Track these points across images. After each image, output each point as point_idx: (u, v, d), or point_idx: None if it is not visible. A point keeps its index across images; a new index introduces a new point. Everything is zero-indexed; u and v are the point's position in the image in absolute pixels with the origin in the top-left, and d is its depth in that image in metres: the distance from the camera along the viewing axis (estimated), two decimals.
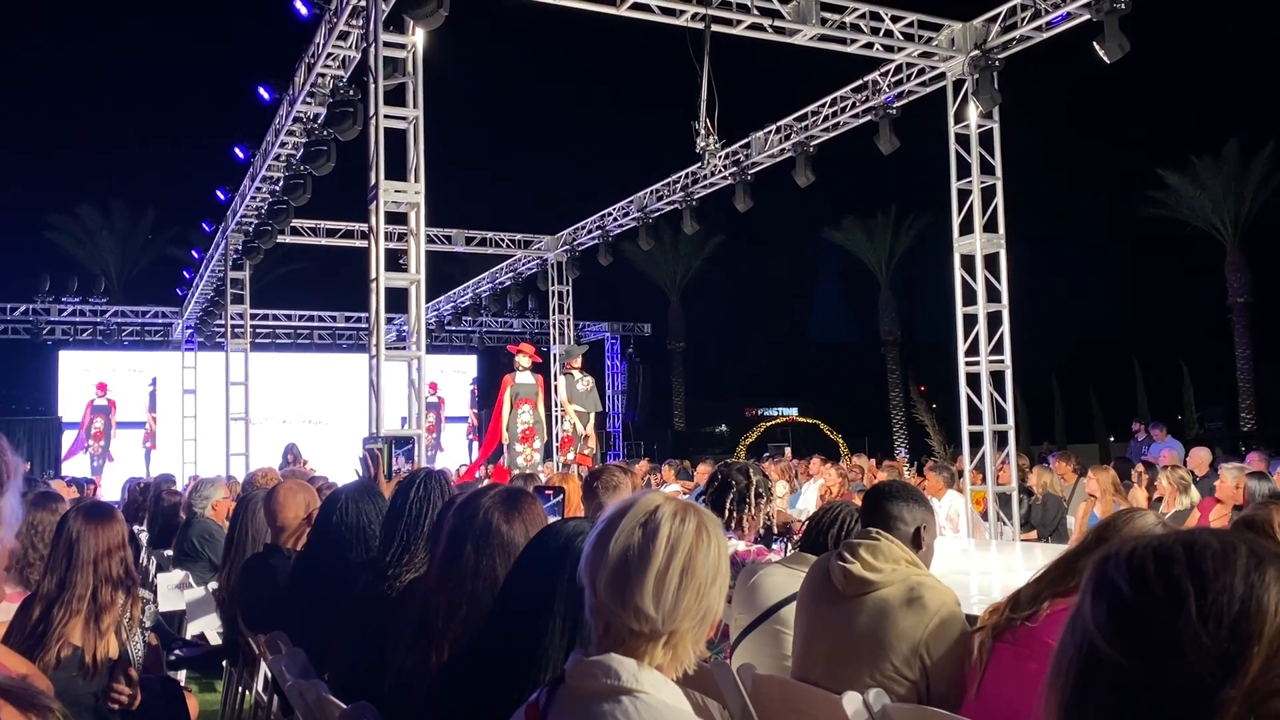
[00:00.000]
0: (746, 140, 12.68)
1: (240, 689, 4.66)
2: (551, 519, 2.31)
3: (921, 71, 10.24)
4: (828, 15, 9.23)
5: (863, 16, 9.40)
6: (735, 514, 3.78)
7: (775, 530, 4.18)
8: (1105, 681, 0.86)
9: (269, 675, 3.75)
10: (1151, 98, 31.60)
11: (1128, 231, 32.09)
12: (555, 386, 13.82)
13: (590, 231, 16.98)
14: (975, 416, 9.69)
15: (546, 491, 3.54)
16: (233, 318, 15.95)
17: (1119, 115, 32.33)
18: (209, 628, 5.91)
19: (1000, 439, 9.63)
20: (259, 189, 13.16)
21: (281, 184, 12.24)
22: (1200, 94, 33.84)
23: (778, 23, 9.08)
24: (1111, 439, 28.17)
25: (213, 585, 5.82)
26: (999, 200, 9.70)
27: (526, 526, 2.29)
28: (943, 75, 10.00)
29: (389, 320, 8.84)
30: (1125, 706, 0.85)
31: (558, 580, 1.85)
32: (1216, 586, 0.86)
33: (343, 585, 3.01)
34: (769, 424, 27.65)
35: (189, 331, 20.27)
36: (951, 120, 9.89)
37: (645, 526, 1.52)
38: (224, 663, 4.97)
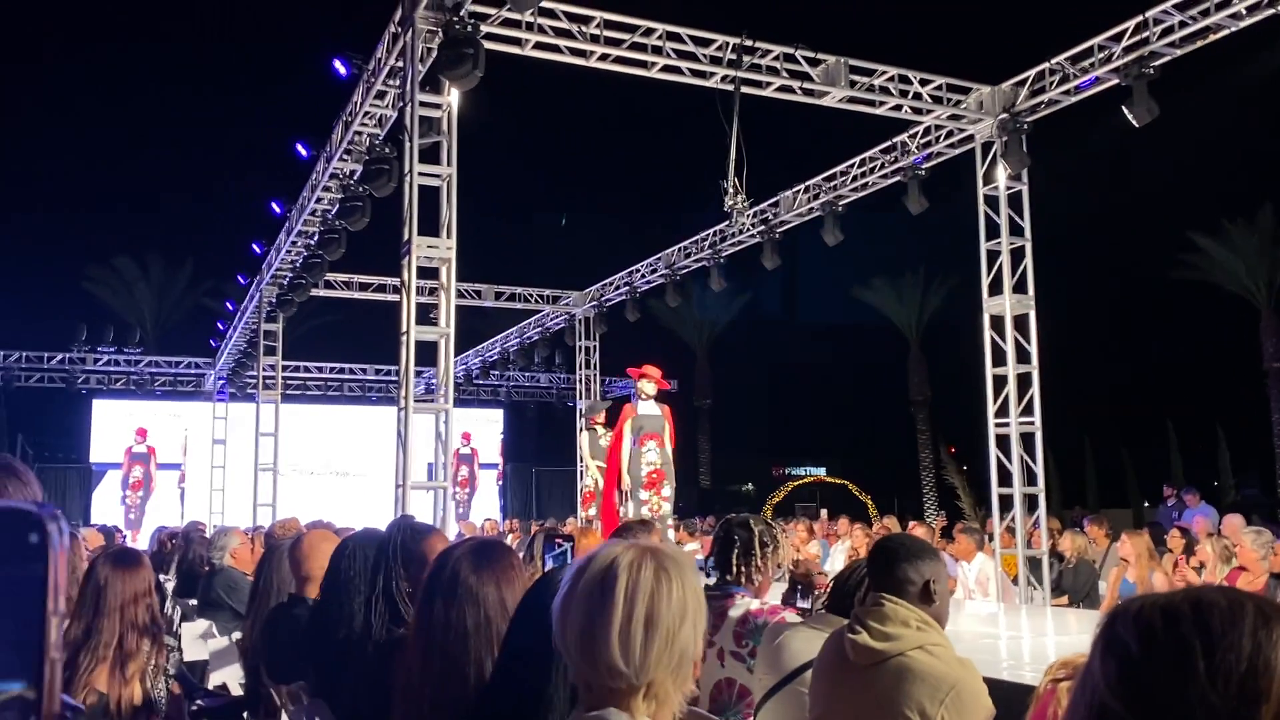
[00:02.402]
0: (775, 199, 12.78)
1: None
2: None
3: (950, 134, 10.31)
4: (856, 78, 9.34)
5: (891, 79, 9.51)
6: (744, 569, 3.69)
7: (801, 583, 4.09)
8: None
9: None
10: (1181, 160, 31.56)
11: (1159, 294, 31.85)
12: (579, 442, 13.82)
13: (618, 288, 17.10)
14: (1005, 479, 9.58)
15: (556, 540, 3.50)
16: (265, 369, 16.12)
17: (1149, 177, 32.29)
18: (231, 678, 5.90)
19: (1031, 502, 9.51)
20: (294, 243, 13.39)
21: (316, 238, 12.45)
22: (1231, 158, 33.76)
23: (807, 85, 9.21)
24: (1145, 504, 27.71)
25: (236, 635, 5.83)
26: (1028, 261, 9.70)
27: (498, 578, 2.25)
28: (971, 137, 10.06)
29: (418, 373, 8.91)
30: None
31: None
32: (1224, 645, 0.85)
33: (352, 634, 3.03)
34: (796, 483, 27.45)
35: (221, 382, 20.50)
36: (980, 182, 9.93)
37: (603, 582, 1.50)
38: (245, 714, 4.95)
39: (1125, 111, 8.37)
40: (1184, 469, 28.23)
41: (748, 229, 13.15)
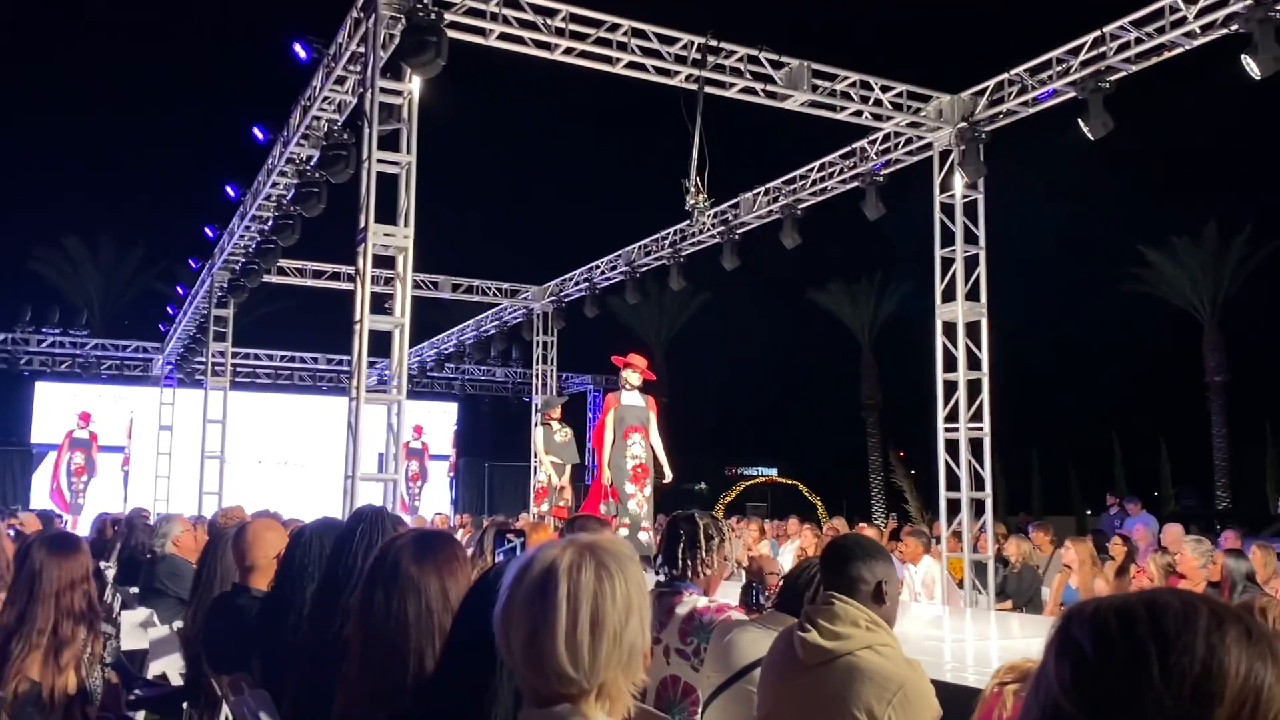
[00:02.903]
0: (735, 200, 12.82)
1: None
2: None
3: (909, 141, 10.41)
4: (819, 82, 9.40)
5: (853, 85, 9.57)
6: (689, 562, 3.68)
7: (755, 582, 4.10)
8: None
9: (230, 718, 3.67)
10: (1135, 175, 32.19)
11: (1109, 306, 32.47)
12: (534, 438, 13.77)
13: (577, 284, 17.06)
14: (953, 483, 9.70)
15: (507, 535, 3.48)
16: (214, 355, 15.88)
17: (1103, 191, 32.90)
18: (171, 668, 5.79)
19: (978, 507, 9.63)
20: (248, 228, 13.19)
21: (271, 224, 12.27)
22: (1181, 174, 34.51)
23: (770, 87, 9.25)
24: (1088, 512, 28.22)
25: (178, 624, 5.72)
26: (982, 269, 9.82)
27: (440, 569, 2.23)
28: (930, 145, 10.17)
29: (371, 364, 8.82)
30: None
31: None
32: (1179, 646, 0.86)
33: (305, 625, 2.98)
34: (748, 483, 27.58)
35: (169, 367, 20.15)
36: (937, 189, 10.03)
37: (544, 588, 1.46)
38: (184, 704, 4.86)
39: (1081, 125, 8.51)
40: (1126, 478, 28.81)
41: (708, 229, 13.19)
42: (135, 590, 7.02)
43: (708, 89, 9.00)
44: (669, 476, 9.57)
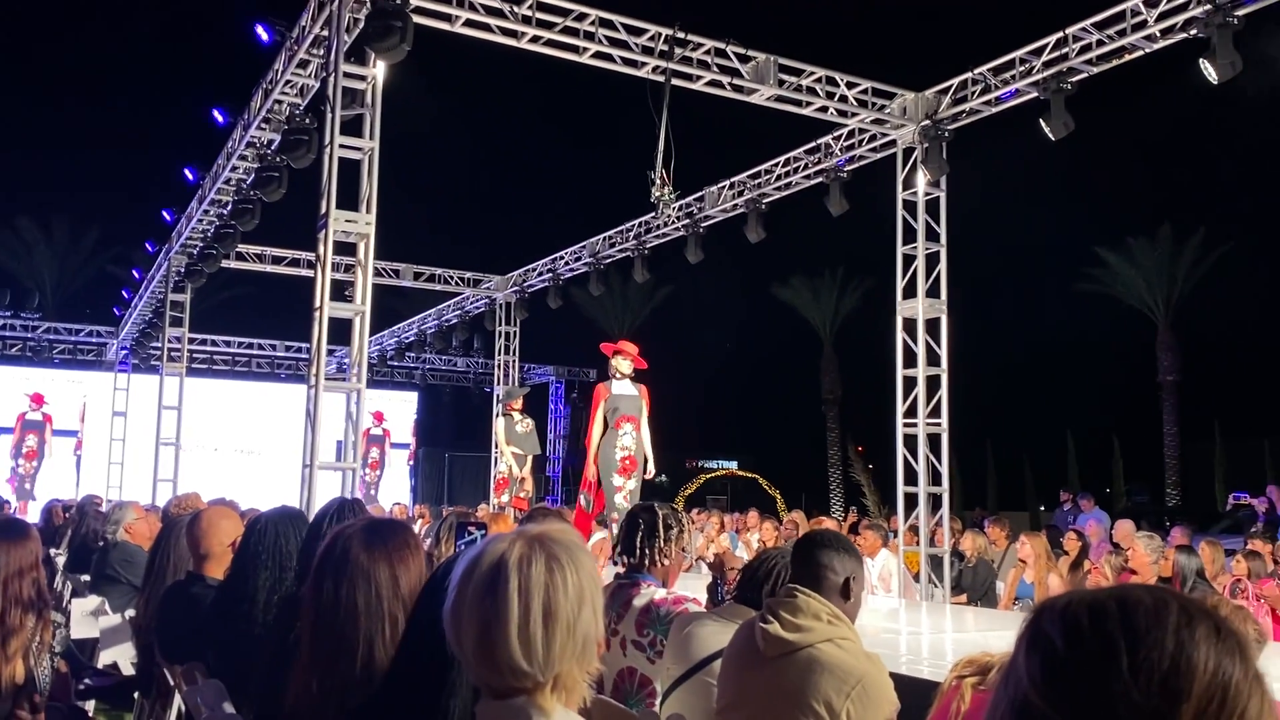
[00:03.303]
0: (700, 193, 12.83)
1: None
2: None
3: (873, 137, 10.47)
4: (785, 77, 9.42)
5: (819, 80, 9.61)
6: (648, 551, 3.69)
7: (717, 575, 4.11)
8: None
9: (183, 708, 3.62)
10: (1094, 177, 32.64)
11: (1066, 305, 32.93)
12: (495, 428, 13.71)
13: (540, 274, 17.00)
14: (911, 478, 9.80)
15: (469, 528, 3.46)
16: (170, 341, 15.65)
17: (1062, 192, 33.34)
18: (122, 657, 5.70)
19: (934, 501, 9.74)
20: (206, 212, 13.01)
21: (230, 208, 12.10)
22: (1139, 177, 35.02)
23: (737, 81, 9.25)
24: (1042, 508, 28.65)
25: (130, 613, 5.63)
26: (943, 267, 9.91)
27: (391, 557, 2.19)
28: (894, 142, 10.24)
29: (330, 352, 8.73)
30: None
31: None
32: (1148, 642, 0.86)
33: (262, 615, 2.94)
34: (708, 476, 27.67)
35: (124, 352, 19.82)
36: (900, 186, 10.11)
37: (494, 583, 1.45)
38: (135, 694, 4.79)
39: (1043, 125, 8.60)
40: (1080, 475, 29.29)
41: (673, 221, 13.19)
42: (86, 578, 6.90)
43: (674, 81, 8.99)
44: (652, 471, 9.36)
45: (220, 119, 11.13)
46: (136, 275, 17.59)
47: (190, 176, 12.86)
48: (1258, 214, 30.58)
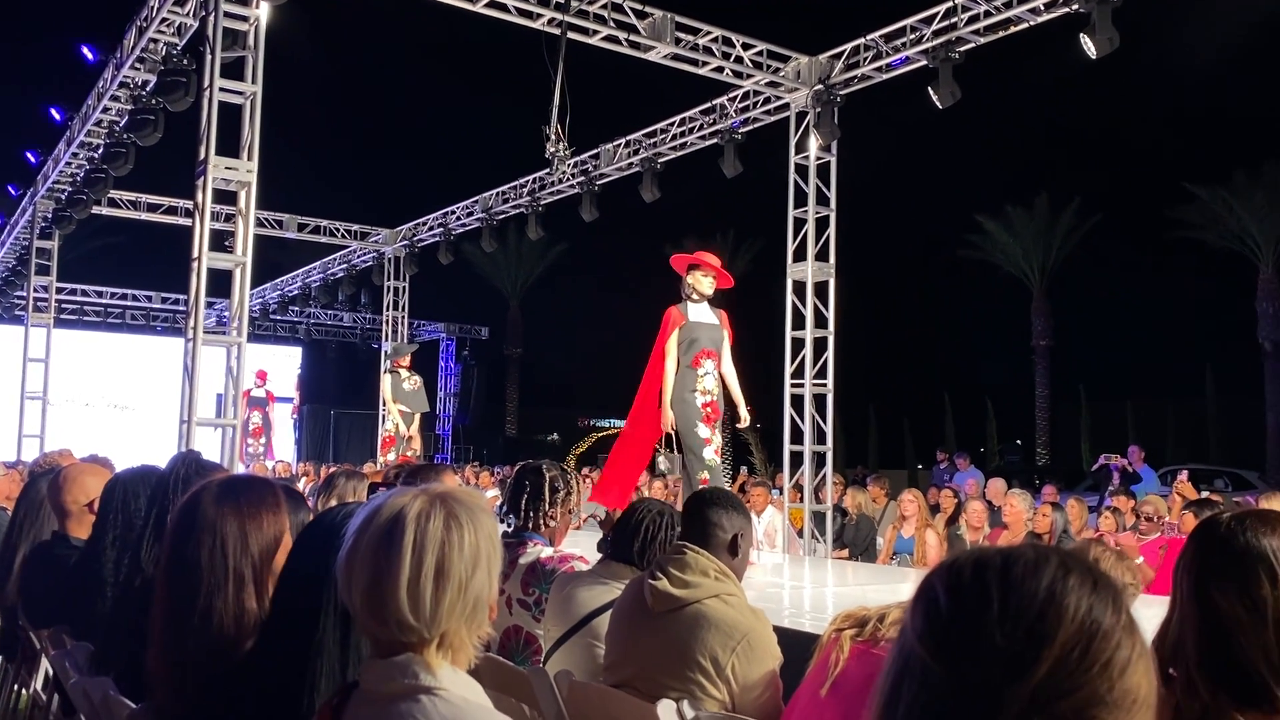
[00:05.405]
0: (596, 151, 12.74)
1: (16, 687, 4.32)
2: None
3: (768, 100, 10.55)
4: (682, 35, 9.40)
5: (715, 40, 9.61)
6: (533, 514, 3.67)
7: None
8: (915, 682, 0.89)
9: (50, 672, 3.49)
10: (978, 146, 33.59)
11: (947, 270, 33.96)
12: (382, 385, 13.47)
13: (431, 229, 16.69)
14: (797, 437, 10.02)
15: (381, 487, 3.39)
16: (36, 290, 14.86)
17: (947, 160, 34.23)
18: None
19: (819, 460, 9.98)
20: (75, 154, 12.33)
21: (101, 151, 11.50)
22: (1019, 146, 36.20)
23: (633, 37, 9.18)
24: (920, 466, 29.69)
25: None
26: (831, 231, 10.09)
27: (242, 514, 2.09)
28: (787, 106, 10.33)
29: (210, 304, 8.42)
30: (928, 706, 0.88)
31: (329, 569, 1.65)
32: (1022, 591, 0.89)
33: (111, 577, 2.85)
34: (601, 434, 27.79)
35: None
36: (792, 150, 10.22)
37: (389, 535, 1.44)
38: (0, 658, 4.59)
39: (930, 93, 8.79)
40: (956, 435, 30.42)
41: (568, 179, 13.07)
42: None
43: (570, 35, 8.86)
44: (746, 419, 7.70)
45: (90, 56, 10.53)
46: None
47: (57, 116, 12.16)
48: (1127, 187, 32.02)
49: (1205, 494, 9.39)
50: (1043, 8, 8.14)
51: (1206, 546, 1.68)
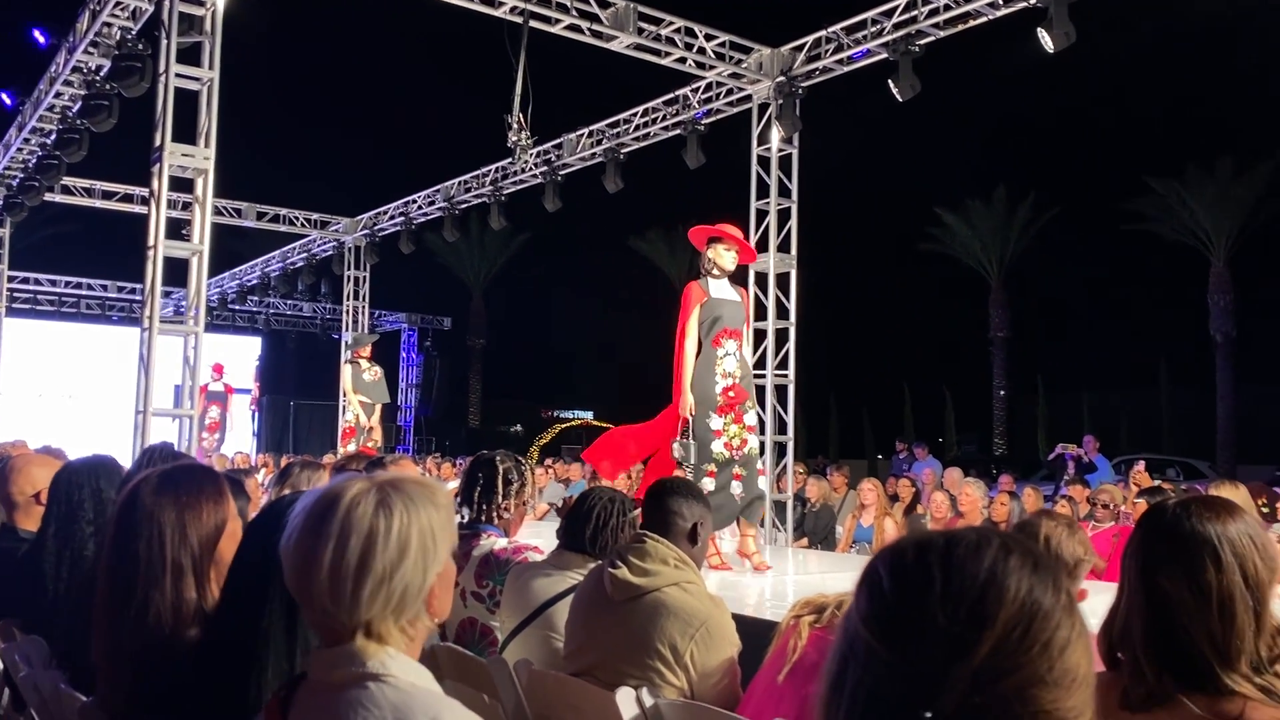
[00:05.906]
0: (559, 140, 12.70)
1: None
2: None
3: (730, 91, 10.57)
4: (645, 25, 9.38)
5: (678, 31, 9.61)
6: (485, 506, 3.65)
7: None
8: (860, 664, 0.90)
9: (0, 666, 3.43)
10: (937, 139, 33.89)
11: (907, 263, 34.27)
12: (342, 376, 13.36)
13: (393, 218, 16.54)
14: (759, 427, 10.06)
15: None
16: None
17: (907, 152, 34.51)
18: None
19: (780, 449, 10.05)
20: (27, 140, 12.09)
21: (54, 137, 11.28)
22: (978, 140, 36.59)
23: (596, 26, 9.15)
24: (879, 456, 29.98)
25: None
26: (793, 222, 10.13)
27: (181, 505, 2.06)
28: (749, 97, 10.35)
29: (166, 294, 8.31)
30: (873, 687, 0.89)
31: (276, 556, 1.62)
32: (963, 572, 0.91)
33: (54, 569, 2.81)
34: (564, 425, 27.76)
35: None
36: (755, 142, 10.25)
37: (321, 521, 1.42)
38: None
39: (891, 85, 8.85)
40: (915, 425, 30.76)
41: (530, 168, 13.02)
42: None
43: (533, 23, 8.82)
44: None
45: (42, 40, 10.31)
46: None
47: (8, 101, 11.91)
48: (1083, 181, 32.47)
49: (1157, 483, 9.58)
50: (1001, 2, 8.22)
51: (1153, 533, 1.72)
